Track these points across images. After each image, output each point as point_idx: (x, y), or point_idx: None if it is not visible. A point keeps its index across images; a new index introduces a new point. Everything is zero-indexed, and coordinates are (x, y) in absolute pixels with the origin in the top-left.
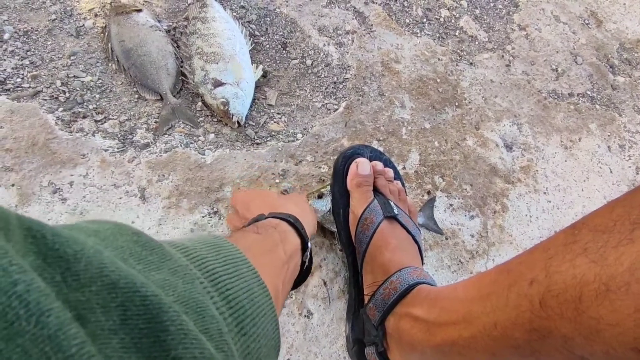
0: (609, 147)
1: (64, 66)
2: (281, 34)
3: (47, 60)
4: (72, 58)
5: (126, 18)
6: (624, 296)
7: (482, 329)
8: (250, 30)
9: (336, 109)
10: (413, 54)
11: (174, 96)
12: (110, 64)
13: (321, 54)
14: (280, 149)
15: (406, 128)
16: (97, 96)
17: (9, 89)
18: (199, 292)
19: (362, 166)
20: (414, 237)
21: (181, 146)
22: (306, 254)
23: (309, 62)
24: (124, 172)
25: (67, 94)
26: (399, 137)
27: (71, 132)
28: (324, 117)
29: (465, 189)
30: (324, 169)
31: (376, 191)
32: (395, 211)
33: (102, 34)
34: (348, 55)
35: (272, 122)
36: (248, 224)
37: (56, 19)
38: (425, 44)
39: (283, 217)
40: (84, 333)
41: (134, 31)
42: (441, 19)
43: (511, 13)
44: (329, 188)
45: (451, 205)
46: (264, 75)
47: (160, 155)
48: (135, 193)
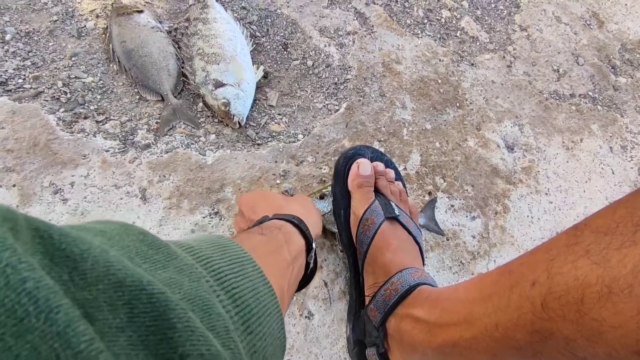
0: (610, 148)
1: (65, 67)
2: (282, 34)
3: (48, 61)
4: (73, 59)
5: (127, 19)
6: (626, 298)
7: (483, 330)
8: (251, 31)
9: (337, 110)
10: (414, 54)
11: (175, 97)
12: (111, 65)
13: (322, 55)
14: (281, 149)
15: (407, 129)
16: (99, 97)
17: (10, 90)
18: (205, 290)
19: (363, 167)
20: (415, 238)
21: (182, 147)
22: (310, 255)
23: (310, 62)
24: (125, 172)
25: (69, 95)
26: (400, 137)
27: (72, 133)
28: (325, 118)
29: (467, 190)
30: (325, 169)
31: (377, 192)
32: (397, 212)
33: (103, 35)
34: (349, 56)
35: (273, 122)
36: (253, 226)
37: (58, 20)
38: (427, 45)
39: (287, 218)
40: (92, 330)
41: (135, 32)
42: (442, 20)
43: (512, 14)
44: (330, 189)
45: (452, 206)
46: (264, 76)
47: (161, 156)
48: (136, 193)
